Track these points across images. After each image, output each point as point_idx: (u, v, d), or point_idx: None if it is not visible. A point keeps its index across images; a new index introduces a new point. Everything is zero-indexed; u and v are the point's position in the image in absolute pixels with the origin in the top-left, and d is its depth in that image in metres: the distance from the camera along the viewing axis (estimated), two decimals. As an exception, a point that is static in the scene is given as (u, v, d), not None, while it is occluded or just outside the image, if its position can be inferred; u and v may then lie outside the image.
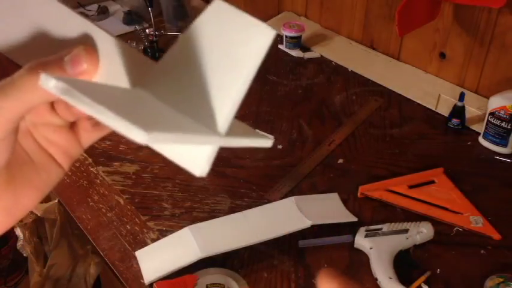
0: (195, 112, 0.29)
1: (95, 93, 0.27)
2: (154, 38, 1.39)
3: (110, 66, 0.32)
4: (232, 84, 0.28)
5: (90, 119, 0.35)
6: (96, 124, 0.35)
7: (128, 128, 0.24)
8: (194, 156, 0.29)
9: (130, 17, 1.59)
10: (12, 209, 0.34)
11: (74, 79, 0.30)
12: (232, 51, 0.28)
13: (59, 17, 0.33)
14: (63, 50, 0.31)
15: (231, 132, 0.29)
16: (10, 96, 0.29)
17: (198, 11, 1.78)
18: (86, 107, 0.25)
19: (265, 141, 0.31)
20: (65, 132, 0.35)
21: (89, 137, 0.36)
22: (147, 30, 1.41)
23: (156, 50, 1.39)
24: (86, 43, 0.32)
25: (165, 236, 0.80)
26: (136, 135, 0.24)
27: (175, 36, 1.51)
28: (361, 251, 0.79)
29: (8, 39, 0.33)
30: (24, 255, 1.17)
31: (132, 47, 0.33)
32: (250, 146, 0.30)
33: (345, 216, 0.84)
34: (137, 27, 1.48)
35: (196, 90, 0.29)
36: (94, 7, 1.66)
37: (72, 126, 0.35)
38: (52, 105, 0.33)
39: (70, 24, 0.32)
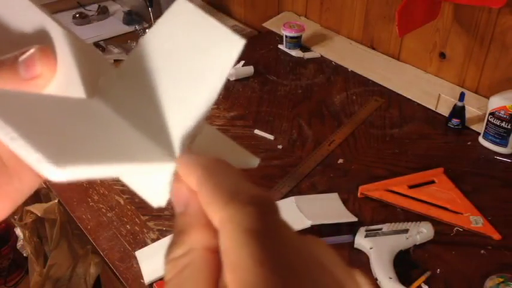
0: (151, 129, 0.26)
1: (22, 110, 0.23)
2: (155, 38, 1.39)
3: (66, 69, 0.29)
4: (194, 99, 0.25)
5: None
6: None
7: (39, 161, 0.20)
8: (152, 184, 0.25)
9: (130, 17, 1.60)
10: None
11: (8, 91, 0.26)
12: (196, 61, 0.25)
13: (19, 9, 0.29)
14: (19, 49, 0.28)
15: (202, 150, 0.25)
16: None
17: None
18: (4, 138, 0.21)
19: (253, 162, 0.28)
20: None
21: None
22: (147, 30, 1.41)
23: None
24: (44, 42, 0.29)
25: (165, 236, 0.81)
26: (47, 170, 0.20)
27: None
28: (361, 251, 0.79)
29: None
30: (25, 255, 1.18)
31: (90, 44, 0.30)
32: (243, 167, 0.27)
33: (345, 216, 0.84)
34: (137, 27, 1.48)
35: (154, 103, 0.26)
36: (94, 7, 1.66)
37: None
38: None
39: (29, 17, 0.29)
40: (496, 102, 0.98)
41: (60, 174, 0.20)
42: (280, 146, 1.02)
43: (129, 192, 0.91)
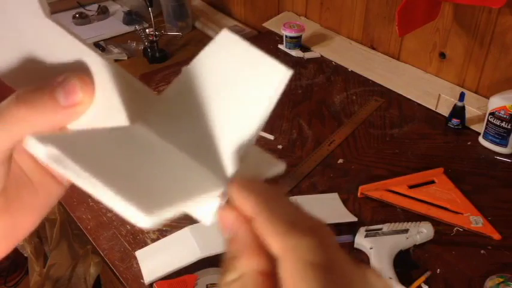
0: (201, 155, 0.26)
1: (87, 153, 0.24)
2: (154, 38, 1.39)
3: (106, 96, 0.29)
4: (243, 127, 0.26)
5: None
6: None
7: (128, 210, 0.21)
8: (201, 205, 0.26)
9: (130, 17, 1.59)
10: (10, 235, 0.32)
11: (61, 135, 0.27)
12: (242, 90, 0.26)
13: (53, 38, 0.30)
14: (55, 77, 0.28)
15: (243, 169, 0.26)
16: None
17: (198, 11, 1.78)
18: (82, 182, 0.22)
19: (279, 168, 0.29)
20: None
21: None
22: (147, 30, 1.41)
23: (156, 50, 1.39)
24: (81, 70, 0.29)
25: (165, 236, 0.80)
26: (136, 219, 0.21)
27: (176, 36, 1.52)
28: (361, 251, 0.79)
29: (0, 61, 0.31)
30: (25, 255, 1.18)
31: (130, 75, 0.30)
32: (267, 177, 0.28)
33: (345, 216, 0.84)
34: (137, 27, 1.48)
35: (201, 130, 0.27)
36: (94, 7, 1.66)
37: None
38: None
39: (65, 46, 0.30)
40: (496, 102, 0.98)
41: (149, 221, 0.21)
42: (280, 146, 1.02)
43: (129, 192, 0.91)
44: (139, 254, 0.79)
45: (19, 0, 0.30)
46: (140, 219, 0.21)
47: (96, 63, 0.29)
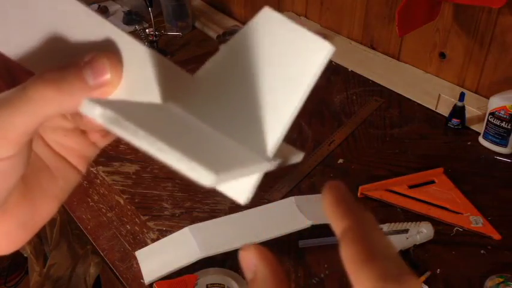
0: (240, 134, 0.26)
1: (138, 118, 0.23)
2: (154, 38, 1.39)
3: (136, 76, 0.28)
4: (285, 104, 0.25)
5: (100, 131, 0.32)
6: (106, 134, 0.32)
7: (195, 169, 0.21)
8: (237, 183, 0.26)
9: (130, 17, 1.59)
10: (29, 223, 0.31)
11: (112, 101, 0.26)
12: (284, 67, 0.25)
13: (74, 16, 0.28)
14: (81, 56, 0.27)
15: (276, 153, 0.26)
16: (23, 110, 0.25)
17: (198, 11, 1.78)
18: (140, 141, 0.22)
19: (298, 156, 0.29)
20: (77, 135, 0.32)
21: (106, 137, 0.33)
22: (147, 30, 1.41)
23: (156, 50, 1.39)
24: (108, 49, 0.28)
25: (165, 236, 0.80)
26: (204, 178, 0.21)
27: (176, 36, 1.52)
28: (361, 251, 0.79)
29: (18, 44, 0.29)
30: (25, 255, 1.18)
31: (163, 56, 0.29)
32: (287, 165, 0.28)
33: (345, 216, 0.84)
34: (137, 27, 1.48)
35: (240, 109, 0.26)
36: (94, 7, 1.66)
37: (83, 129, 0.32)
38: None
39: (88, 25, 0.28)
40: (496, 102, 0.98)
41: (215, 179, 0.21)
42: (280, 146, 1.02)
43: (129, 192, 0.91)
44: (139, 254, 0.79)
45: None
46: (208, 177, 0.21)
47: (127, 43, 0.28)
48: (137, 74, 0.28)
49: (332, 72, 1.29)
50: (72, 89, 0.26)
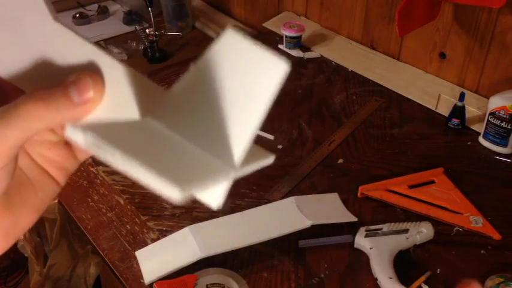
0: (209, 145, 0.29)
1: (117, 139, 0.27)
2: (154, 38, 1.39)
3: (116, 94, 0.31)
4: (248, 118, 0.28)
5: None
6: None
7: (165, 187, 0.25)
8: (210, 190, 0.29)
9: (130, 17, 1.59)
10: (10, 232, 0.33)
11: (91, 123, 0.30)
12: (246, 84, 0.28)
13: (62, 41, 0.32)
14: (67, 76, 0.30)
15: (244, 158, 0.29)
16: (13, 125, 0.28)
17: (198, 11, 1.77)
18: (116, 162, 0.26)
19: (268, 160, 0.31)
20: (60, 148, 0.34)
21: (86, 152, 0.35)
22: (147, 30, 1.41)
23: (156, 50, 1.39)
24: (91, 69, 0.31)
25: (165, 236, 0.81)
26: (173, 195, 0.25)
27: (176, 36, 1.52)
28: (361, 251, 0.79)
29: (10, 65, 0.32)
30: (25, 255, 1.18)
31: (139, 73, 0.32)
32: (257, 169, 0.30)
33: (345, 216, 0.84)
34: (137, 27, 1.48)
35: (209, 122, 0.29)
36: (94, 7, 1.66)
37: (67, 141, 0.34)
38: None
39: (74, 48, 0.32)
40: (496, 102, 0.98)
41: (182, 196, 0.24)
42: (280, 146, 1.02)
43: (129, 192, 0.91)
44: (139, 254, 0.79)
45: (27, 6, 0.31)
46: (175, 193, 0.24)
47: (107, 63, 0.31)
48: (118, 91, 0.31)
49: (332, 72, 1.29)
50: (59, 106, 0.29)
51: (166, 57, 1.41)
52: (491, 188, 0.92)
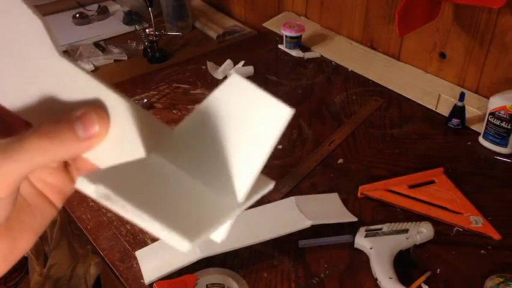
0: (215, 183, 0.30)
1: (126, 186, 0.28)
2: (154, 38, 1.39)
3: (122, 129, 0.32)
4: (253, 159, 0.29)
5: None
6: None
7: (174, 239, 0.25)
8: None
9: (130, 17, 1.59)
10: (8, 256, 0.33)
11: (100, 171, 0.30)
12: (250, 127, 0.29)
13: (68, 76, 0.32)
14: (73, 111, 0.31)
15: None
16: (18, 159, 0.28)
17: (198, 11, 1.78)
18: (127, 214, 0.26)
19: (269, 187, 0.32)
20: (60, 173, 0.35)
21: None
22: (147, 30, 1.41)
23: (156, 50, 1.39)
24: (96, 105, 0.32)
25: (165, 236, 0.80)
26: (182, 246, 0.25)
27: (176, 36, 1.52)
28: (361, 251, 0.79)
29: (16, 98, 0.33)
30: (25, 255, 1.18)
31: (145, 110, 0.33)
32: (258, 199, 0.31)
33: (345, 216, 0.84)
34: (137, 27, 1.48)
35: (214, 161, 0.30)
36: (94, 7, 1.66)
37: (66, 165, 0.36)
38: None
39: (79, 83, 0.32)
40: (496, 102, 0.98)
41: (191, 245, 0.25)
42: (280, 146, 1.03)
43: (129, 192, 0.91)
44: (139, 254, 0.79)
45: (34, 42, 0.32)
46: (184, 245, 0.25)
47: (112, 98, 0.32)
48: (123, 127, 0.32)
49: (332, 72, 1.29)
50: (65, 141, 0.30)
51: (166, 57, 1.41)
52: (491, 188, 0.92)
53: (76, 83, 0.32)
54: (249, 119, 0.30)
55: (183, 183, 0.30)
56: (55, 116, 0.30)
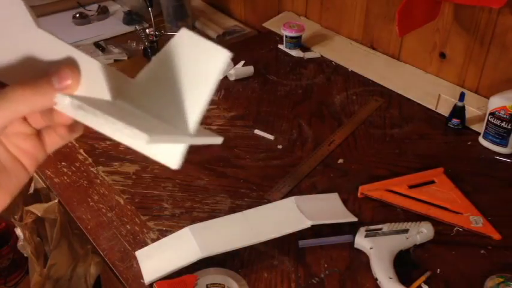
0: (170, 118, 0.37)
1: (97, 107, 0.33)
2: (154, 38, 1.39)
3: (90, 82, 0.38)
4: (198, 96, 0.36)
5: (67, 126, 0.39)
6: (70, 130, 0.40)
7: (135, 133, 0.31)
8: (169, 152, 0.36)
9: (130, 17, 1.59)
10: None
11: (76, 95, 0.37)
12: (196, 70, 0.36)
13: (44, 43, 0.38)
14: (50, 68, 0.36)
15: (196, 133, 0.37)
16: (2, 106, 0.33)
17: (198, 11, 1.78)
18: (98, 119, 0.32)
19: (218, 139, 0.39)
20: (33, 139, 0.40)
21: (54, 143, 0.41)
22: (147, 30, 1.41)
23: (156, 50, 1.39)
24: (69, 62, 0.38)
25: (165, 236, 0.81)
26: (142, 138, 0.31)
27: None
28: (361, 251, 0.79)
29: None
30: (25, 255, 1.18)
31: (110, 66, 0.39)
32: (208, 143, 0.38)
33: (345, 216, 0.84)
34: (137, 27, 1.48)
35: (168, 101, 0.37)
36: (94, 7, 1.66)
37: (39, 133, 0.40)
38: (24, 116, 0.38)
39: (54, 49, 0.38)
40: (496, 102, 0.98)
41: (150, 139, 0.31)
42: (280, 146, 1.02)
43: (129, 192, 0.91)
44: (139, 254, 0.79)
45: (14, 16, 0.38)
46: (144, 137, 0.31)
47: (83, 59, 0.38)
48: (92, 80, 0.38)
49: (332, 72, 1.29)
50: (42, 90, 0.35)
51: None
52: (491, 188, 0.92)
53: (52, 48, 0.38)
54: (195, 63, 0.36)
55: (143, 117, 0.37)
56: (35, 76, 0.36)
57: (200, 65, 0.36)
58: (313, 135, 1.06)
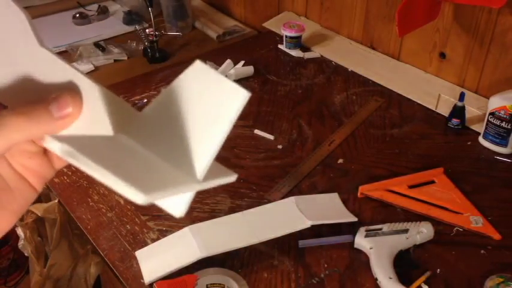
0: (176, 160, 0.33)
1: (90, 150, 0.31)
2: (154, 38, 1.39)
3: (93, 111, 0.34)
4: (211, 138, 0.32)
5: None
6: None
7: (129, 191, 0.28)
8: (173, 200, 0.33)
9: (130, 17, 1.60)
10: None
11: (68, 136, 0.33)
12: (211, 109, 0.32)
13: (45, 63, 0.35)
14: (48, 95, 0.33)
15: (206, 175, 0.32)
16: None
17: (198, 11, 1.78)
18: (89, 170, 0.29)
19: (231, 178, 0.35)
20: (40, 157, 0.37)
21: (62, 159, 0.38)
22: (147, 30, 1.41)
23: (156, 50, 1.39)
24: (71, 89, 0.34)
25: (165, 236, 0.81)
26: (137, 198, 0.28)
27: (176, 36, 1.52)
28: (361, 251, 0.79)
29: None
30: (26, 255, 1.18)
31: (115, 95, 0.36)
32: (219, 184, 0.34)
33: (345, 216, 0.84)
34: (137, 27, 1.48)
35: (177, 141, 0.33)
36: (94, 7, 1.66)
37: (46, 150, 0.37)
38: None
39: (56, 70, 0.35)
40: (496, 102, 0.98)
41: (146, 199, 0.27)
42: (280, 146, 1.03)
43: (129, 192, 0.91)
44: (139, 254, 0.79)
45: (17, 32, 0.35)
46: (139, 197, 0.27)
47: (85, 84, 0.34)
48: (94, 109, 0.34)
49: (332, 72, 1.29)
50: (40, 119, 0.32)
51: (166, 57, 1.41)
52: (491, 188, 0.92)
53: (53, 70, 0.35)
54: (210, 102, 0.32)
55: (146, 158, 0.33)
56: (32, 98, 0.33)
57: (215, 103, 0.32)
58: (313, 135, 1.06)
